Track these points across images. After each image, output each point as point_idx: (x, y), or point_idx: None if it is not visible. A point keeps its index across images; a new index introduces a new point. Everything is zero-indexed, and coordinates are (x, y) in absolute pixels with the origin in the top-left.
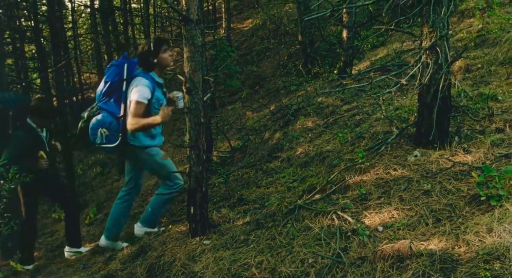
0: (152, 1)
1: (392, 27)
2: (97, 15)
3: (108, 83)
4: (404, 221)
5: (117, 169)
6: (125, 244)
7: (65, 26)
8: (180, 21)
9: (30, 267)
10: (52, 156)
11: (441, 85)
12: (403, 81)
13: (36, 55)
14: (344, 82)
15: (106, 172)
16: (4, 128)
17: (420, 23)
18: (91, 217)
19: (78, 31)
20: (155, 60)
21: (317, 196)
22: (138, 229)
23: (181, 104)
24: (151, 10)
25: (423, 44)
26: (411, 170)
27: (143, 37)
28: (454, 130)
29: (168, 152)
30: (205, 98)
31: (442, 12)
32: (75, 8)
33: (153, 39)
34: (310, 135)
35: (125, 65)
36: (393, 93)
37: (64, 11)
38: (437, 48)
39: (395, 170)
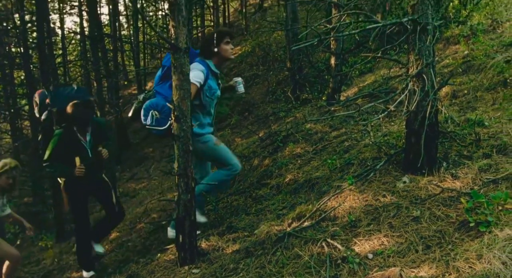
0: (141, 28)
1: (379, 55)
2: (87, 42)
3: (165, 68)
4: (394, 248)
5: None
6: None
7: (54, 52)
8: (168, 49)
9: (90, 274)
10: (99, 163)
11: (428, 112)
12: (391, 108)
13: (25, 81)
14: (333, 108)
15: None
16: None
17: (407, 50)
18: None
19: (68, 58)
20: (216, 49)
21: (306, 223)
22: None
23: (241, 89)
24: (141, 37)
25: (410, 71)
26: (400, 196)
27: (132, 63)
28: (442, 156)
29: (157, 179)
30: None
31: (428, 41)
32: (65, 35)
33: (217, 29)
34: (299, 161)
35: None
36: (381, 119)
37: (54, 38)
38: (424, 76)
39: (384, 196)
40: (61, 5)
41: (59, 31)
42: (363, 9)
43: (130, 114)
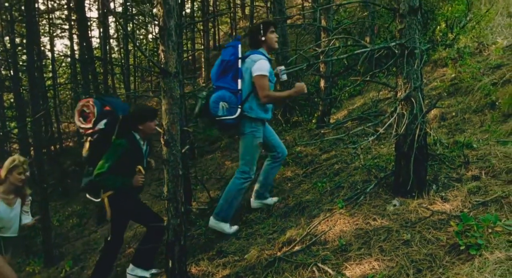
0: (132, 51)
1: (368, 78)
2: (77, 65)
3: (225, 62)
4: (385, 272)
5: (94, 220)
6: (235, 227)
7: (44, 75)
8: (158, 73)
9: None
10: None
11: (417, 135)
12: (381, 130)
13: (14, 104)
14: (323, 131)
15: (84, 223)
16: (109, 134)
17: (395, 74)
18: (66, 270)
19: (58, 81)
20: (263, 38)
21: (297, 248)
22: (212, 222)
23: (284, 77)
24: (131, 60)
25: (398, 95)
26: (391, 219)
27: (123, 86)
28: (432, 178)
29: (147, 203)
30: (183, 150)
31: (416, 64)
32: (56, 58)
33: (262, 20)
34: (289, 185)
35: (239, 46)
36: (371, 142)
37: (44, 60)
38: (412, 99)
39: (374, 220)
40: (51, 28)
41: (49, 54)
42: (351, 32)
43: (196, 111)
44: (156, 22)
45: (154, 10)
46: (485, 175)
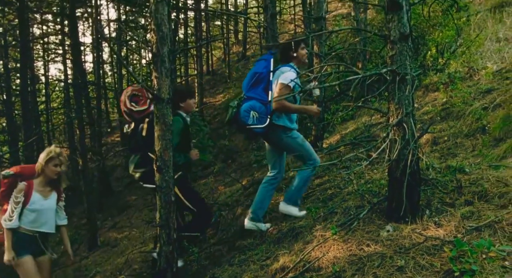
0: (126, 76)
1: (360, 104)
2: (70, 89)
3: (257, 74)
4: None
5: (86, 246)
6: (268, 225)
7: (38, 99)
8: (151, 100)
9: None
10: None
11: (409, 160)
12: (374, 155)
13: (6, 128)
14: None
15: (74, 249)
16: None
17: (387, 99)
18: None
19: (51, 105)
20: (294, 54)
21: (290, 275)
22: (283, 206)
23: (316, 92)
24: (124, 85)
25: (390, 120)
26: (384, 245)
27: (116, 111)
28: (425, 203)
29: (139, 229)
30: (176, 177)
31: (407, 90)
32: (49, 82)
33: (294, 38)
34: None
35: (271, 59)
36: (364, 167)
37: (37, 85)
38: (404, 125)
39: (368, 245)
40: (45, 52)
41: (43, 78)
42: (344, 58)
43: (226, 119)
44: (150, 49)
45: (148, 36)
46: (478, 199)
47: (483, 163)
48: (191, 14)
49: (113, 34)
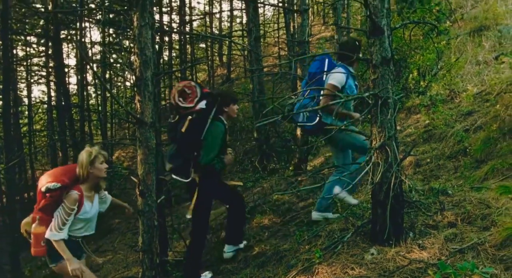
0: (109, 98)
1: (343, 127)
2: (54, 111)
3: (311, 74)
4: None
5: None
6: (336, 215)
7: (20, 121)
8: (134, 123)
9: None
10: None
11: (392, 183)
12: (358, 178)
13: None
14: (300, 179)
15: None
16: (206, 113)
17: (370, 122)
18: None
19: (34, 127)
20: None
21: None
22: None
23: None
24: (108, 107)
25: (373, 144)
26: (369, 268)
27: (100, 133)
28: (409, 226)
29: (122, 253)
30: (158, 201)
31: (389, 114)
32: (32, 104)
33: (353, 39)
34: (266, 233)
35: (326, 60)
36: (348, 188)
37: (20, 107)
38: (387, 148)
39: (352, 269)
40: (29, 74)
41: (26, 100)
42: None
43: (281, 116)
44: (133, 72)
45: (132, 58)
46: (461, 221)
47: (465, 184)
48: (176, 36)
49: (98, 56)
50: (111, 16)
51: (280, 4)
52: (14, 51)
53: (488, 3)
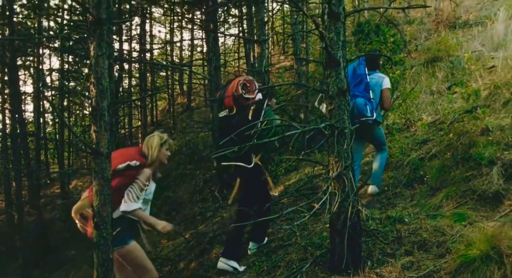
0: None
1: (301, 157)
2: (8, 140)
3: (360, 75)
4: None
5: None
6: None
7: None
8: (90, 153)
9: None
10: None
11: (349, 212)
12: (317, 206)
13: None
14: None
15: None
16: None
17: (327, 152)
18: None
19: None
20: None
21: None
22: (373, 189)
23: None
24: (66, 135)
25: (330, 173)
26: None
27: (56, 162)
28: (367, 254)
29: None
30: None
31: (346, 144)
32: None
33: (376, 53)
34: None
35: (364, 63)
36: (307, 219)
37: None
38: (344, 177)
39: None
40: None
41: None
42: (286, 110)
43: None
44: (89, 102)
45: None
46: (417, 249)
47: (421, 212)
48: (136, 65)
49: (57, 83)
50: (70, 43)
51: (241, 34)
52: None
53: (440, 36)
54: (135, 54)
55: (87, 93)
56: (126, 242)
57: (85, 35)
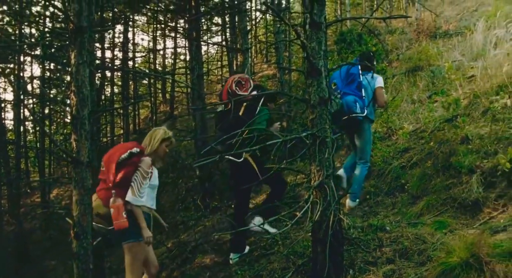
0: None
1: (283, 166)
2: None
3: (353, 75)
4: None
5: None
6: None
7: None
8: (70, 162)
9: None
10: None
11: (331, 221)
12: (299, 215)
13: None
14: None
15: None
16: (257, 102)
17: (309, 161)
18: None
19: None
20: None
21: None
22: (351, 203)
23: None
24: (47, 143)
25: (312, 182)
26: None
27: (37, 170)
28: (348, 263)
29: None
30: (94, 243)
31: (327, 153)
32: None
33: (368, 51)
34: (208, 274)
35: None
36: (289, 227)
37: None
38: (325, 186)
39: None
40: None
41: None
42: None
43: (334, 109)
44: (70, 110)
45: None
46: (399, 257)
47: (402, 220)
48: (118, 73)
49: (38, 90)
50: (52, 50)
51: (224, 43)
52: None
53: (421, 45)
54: (117, 62)
55: (68, 102)
56: (138, 238)
57: (67, 42)
